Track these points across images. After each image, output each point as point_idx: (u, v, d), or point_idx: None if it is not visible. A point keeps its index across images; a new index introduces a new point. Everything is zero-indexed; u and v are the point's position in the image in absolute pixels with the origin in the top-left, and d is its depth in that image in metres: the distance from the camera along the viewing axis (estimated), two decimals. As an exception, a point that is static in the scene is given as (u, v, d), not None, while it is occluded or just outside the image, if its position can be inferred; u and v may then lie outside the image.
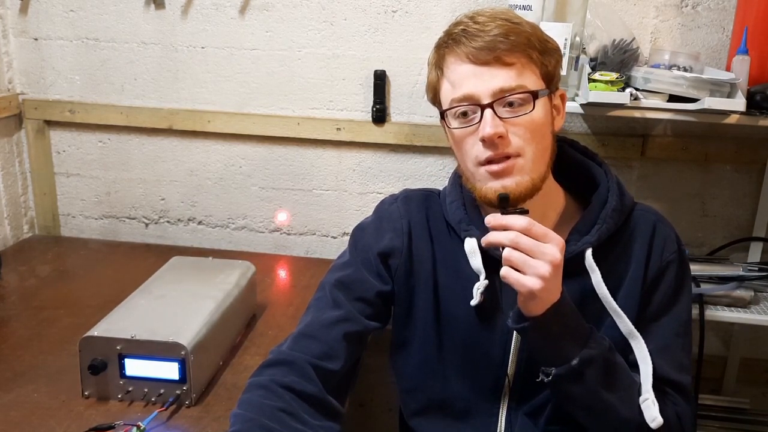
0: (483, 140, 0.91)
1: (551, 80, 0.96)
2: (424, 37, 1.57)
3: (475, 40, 0.91)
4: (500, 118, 0.91)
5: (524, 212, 0.89)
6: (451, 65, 0.94)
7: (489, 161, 0.92)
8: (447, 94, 0.96)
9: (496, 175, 0.92)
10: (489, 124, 0.90)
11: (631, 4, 1.50)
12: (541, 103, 0.93)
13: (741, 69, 1.26)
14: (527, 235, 0.85)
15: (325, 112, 1.65)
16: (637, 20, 1.50)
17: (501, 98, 0.91)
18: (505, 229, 0.86)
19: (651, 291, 0.99)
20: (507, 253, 0.86)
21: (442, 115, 0.98)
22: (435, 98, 1.00)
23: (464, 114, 0.94)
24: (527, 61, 0.92)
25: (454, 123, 0.96)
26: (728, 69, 1.32)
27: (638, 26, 1.50)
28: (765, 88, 1.26)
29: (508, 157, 0.91)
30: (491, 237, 0.88)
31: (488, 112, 0.90)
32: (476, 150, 0.93)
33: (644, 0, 1.49)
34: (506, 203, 0.90)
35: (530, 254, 0.85)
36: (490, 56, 0.90)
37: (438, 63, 0.97)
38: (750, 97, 1.25)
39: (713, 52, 1.50)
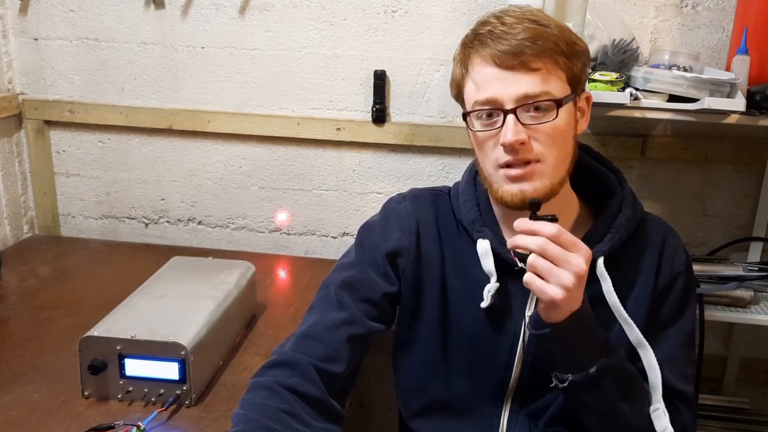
0: (504, 146, 0.90)
1: (577, 83, 0.94)
2: (424, 37, 1.57)
3: (501, 43, 0.89)
4: (523, 124, 0.89)
5: (554, 219, 0.86)
6: (476, 66, 0.93)
7: (508, 165, 0.91)
8: (471, 95, 0.94)
9: (514, 179, 0.91)
10: (511, 131, 0.89)
11: (631, 4, 1.50)
12: (565, 110, 0.91)
13: (741, 69, 1.26)
14: (555, 243, 0.84)
15: (325, 112, 1.65)
16: (637, 20, 1.50)
17: (524, 104, 0.89)
18: (533, 234, 0.85)
19: (660, 301, 0.99)
20: (532, 259, 0.84)
21: (465, 116, 0.97)
22: (459, 95, 0.98)
23: (487, 116, 0.92)
24: (553, 67, 0.90)
25: (476, 125, 0.94)
26: (728, 69, 1.32)
27: (638, 26, 1.50)
28: (765, 88, 1.26)
29: (528, 162, 0.90)
30: (519, 240, 0.86)
31: (510, 118, 0.89)
32: (497, 153, 0.92)
33: (644, 0, 1.49)
34: (537, 208, 0.88)
35: (556, 263, 0.83)
36: (515, 61, 0.89)
37: (463, 61, 0.95)
38: (750, 97, 1.25)
39: (713, 52, 1.50)
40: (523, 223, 0.86)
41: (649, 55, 1.43)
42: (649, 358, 0.94)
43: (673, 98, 1.27)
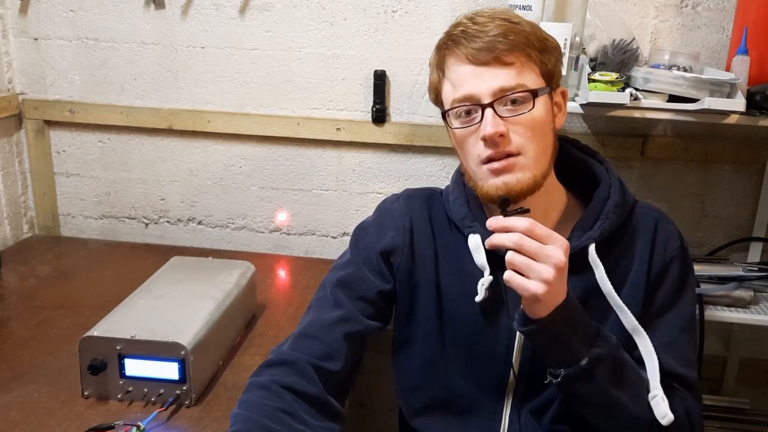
0: (484, 139, 0.91)
1: (551, 78, 0.96)
2: (424, 37, 1.57)
3: (474, 41, 0.92)
4: (501, 117, 0.91)
5: (525, 212, 0.88)
6: (451, 66, 0.95)
7: (490, 159, 0.92)
8: (448, 95, 0.96)
9: (497, 173, 0.92)
10: (490, 124, 0.90)
11: (631, 4, 1.50)
12: (542, 101, 0.94)
13: (741, 69, 1.26)
14: (530, 237, 0.84)
15: (324, 112, 1.65)
16: (637, 20, 1.50)
17: (501, 97, 0.91)
18: (507, 231, 0.86)
19: (655, 287, 0.99)
20: (510, 256, 0.85)
21: (444, 115, 0.98)
22: (437, 99, 1.01)
23: (466, 113, 0.94)
24: (526, 60, 0.93)
25: (455, 123, 0.96)
26: (728, 69, 1.32)
27: (638, 26, 1.50)
28: (765, 88, 1.26)
29: (509, 155, 0.92)
30: (495, 239, 0.87)
31: (489, 111, 0.91)
32: (478, 149, 0.94)
33: (644, 0, 1.49)
34: (507, 204, 0.90)
35: (534, 257, 0.84)
36: (489, 56, 0.91)
37: (439, 64, 0.98)
38: (750, 97, 1.25)
39: (713, 52, 1.50)
40: (495, 221, 0.88)
41: (649, 55, 1.43)
42: (645, 344, 0.94)
43: (673, 98, 1.27)
